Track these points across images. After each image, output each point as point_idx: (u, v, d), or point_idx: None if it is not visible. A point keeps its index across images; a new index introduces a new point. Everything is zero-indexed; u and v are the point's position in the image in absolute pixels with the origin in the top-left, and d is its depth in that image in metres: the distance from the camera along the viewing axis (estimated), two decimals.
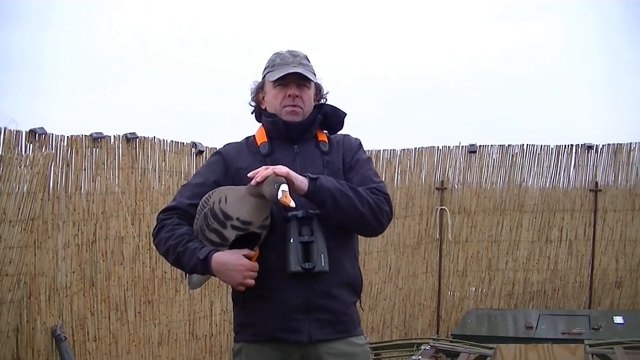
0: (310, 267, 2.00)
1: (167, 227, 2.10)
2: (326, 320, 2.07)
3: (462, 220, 6.90)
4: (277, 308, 2.05)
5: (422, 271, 6.89)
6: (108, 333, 4.51)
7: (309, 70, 2.20)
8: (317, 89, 2.26)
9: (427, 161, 6.86)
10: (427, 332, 6.84)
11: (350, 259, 2.17)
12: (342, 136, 2.28)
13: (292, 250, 2.01)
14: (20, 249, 3.72)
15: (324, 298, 2.06)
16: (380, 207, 2.11)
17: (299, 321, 2.05)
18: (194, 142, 5.24)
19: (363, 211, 2.07)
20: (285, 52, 2.22)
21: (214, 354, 5.37)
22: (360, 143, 2.29)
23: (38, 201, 3.81)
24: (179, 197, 2.18)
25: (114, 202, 4.54)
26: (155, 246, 2.16)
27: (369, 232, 2.18)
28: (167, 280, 4.99)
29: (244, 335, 2.14)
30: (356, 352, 2.13)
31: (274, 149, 2.17)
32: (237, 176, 2.13)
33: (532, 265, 6.88)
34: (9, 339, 3.72)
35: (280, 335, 2.06)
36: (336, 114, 2.26)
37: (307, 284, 2.04)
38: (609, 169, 6.75)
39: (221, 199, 2.01)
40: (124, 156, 4.62)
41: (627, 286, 6.69)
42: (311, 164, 2.15)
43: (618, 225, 6.72)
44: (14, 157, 3.67)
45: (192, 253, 2.01)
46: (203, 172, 2.22)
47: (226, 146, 2.26)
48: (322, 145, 2.21)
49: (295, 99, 2.17)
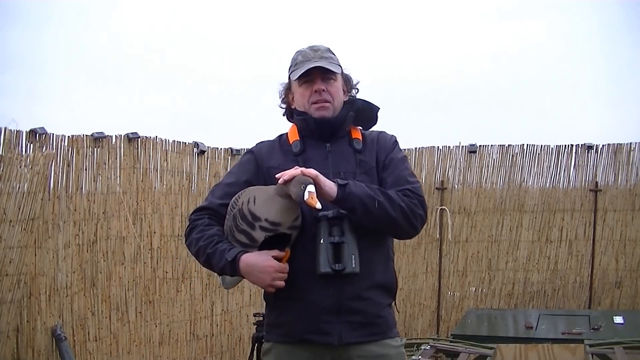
0: (341, 269, 1.95)
1: (198, 228, 2.07)
2: (358, 322, 2.02)
3: (462, 220, 6.90)
4: (307, 310, 2.01)
5: (422, 271, 6.90)
6: (109, 333, 4.51)
7: (333, 62, 2.13)
8: (346, 79, 2.19)
9: (427, 161, 6.86)
10: (427, 332, 6.84)
11: (383, 259, 2.11)
12: (377, 133, 2.22)
13: (322, 251, 1.96)
14: (21, 249, 3.72)
15: (355, 300, 2.01)
16: (413, 211, 2.03)
17: (329, 323, 2.01)
18: (196, 142, 5.23)
19: (395, 216, 2.00)
20: (306, 48, 2.15)
21: (214, 354, 5.37)
22: (396, 140, 2.22)
23: (38, 201, 3.81)
24: (211, 197, 2.14)
25: (115, 202, 4.54)
26: (187, 247, 2.13)
27: (401, 235, 2.12)
28: (168, 280, 4.99)
29: (274, 335, 2.11)
30: (390, 354, 2.07)
31: (306, 148, 2.12)
32: (269, 175, 2.08)
33: (532, 265, 6.88)
34: (9, 339, 3.72)
35: (309, 337, 2.02)
36: (370, 108, 2.21)
37: (338, 286, 1.99)
38: (609, 169, 6.75)
39: (250, 200, 1.97)
40: (126, 156, 4.62)
41: (627, 286, 6.69)
42: (344, 163, 2.10)
43: (618, 225, 6.73)
44: (14, 157, 3.67)
45: (221, 254, 1.98)
46: (235, 172, 2.18)
47: (259, 144, 2.21)
48: (356, 144, 2.14)
49: (322, 93, 2.10)
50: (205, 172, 5.30)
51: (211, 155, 5.34)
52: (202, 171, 5.27)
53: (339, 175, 2.06)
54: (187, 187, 5.13)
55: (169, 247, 4.95)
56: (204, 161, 5.29)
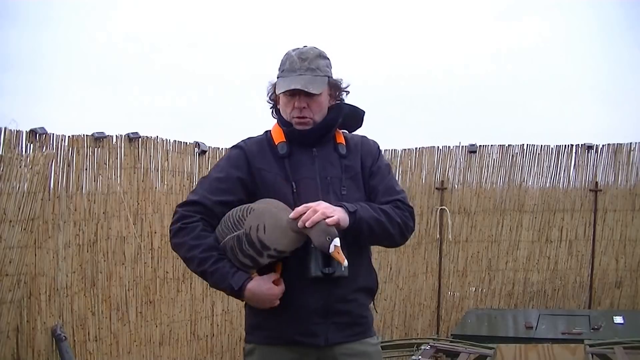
0: (331, 272, 2.00)
1: (193, 233, 2.06)
2: (344, 323, 2.09)
3: (462, 220, 6.91)
4: (297, 313, 2.05)
5: (422, 271, 6.90)
6: (109, 333, 4.51)
7: (318, 74, 2.11)
8: (334, 85, 2.18)
9: (428, 161, 6.86)
10: (427, 332, 6.84)
11: (366, 262, 2.18)
12: (360, 138, 2.25)
13: (313, 255, 2.00)
14: (20, 249, 3.73)
15: (342, 302, 2.07)
16: (407, 225, 2.14)
17: (318, 325, 2.06)
18: (197, 142, 5.23)
19: (393, 233, 2.10)
20: (295, 54, 2.13)
21: (215, 354, 5.38)
22: (379, 147, 2.26)
23: (38, 201, 3.82)
24: (201, 191, 2.12)
25: (116, 202, 4.54)
26: (175, 245, 2.13)
27: (390, 246, 2.23)
28: (168, 281, 4.99)
29: (258, 337, 2.13)
30: (370, 351, 2.15)
31: (293, 151, 2.13)
32: (259, 175, 2.10)
33: (532, 265, 6.88)
34: (9, 339, 3.72)
35: (298, 338, 2.06)
36: (355, 112, 2.23)
37: (326, 289, 2.04)
38: (609, 169, 6.75)
39: (259, 227, 1.97)
40: (127, 156, 4.62)
41: (627, 286, 6.70)
42: (330, 168, 2.12)
43: (618, 225, 6.73)
44: (14, 157, 3.67)
45: (224, 277, 1.99)
46: (224, 166, 2.15)
47: (247, 141, 2.19)
48: (341, 149, 2.17)
49: (302, 110, 2.11)
50: (206, 172, 5.29)
51: (212, 155, 5.34)
52: (203, 171, 5.25)
53: (326, 180, 2.09)
54: (188, 187, 5.12)
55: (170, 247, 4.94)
56: (205, 161, 5.29)
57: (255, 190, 2.10)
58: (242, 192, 2.10)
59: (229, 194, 2.09)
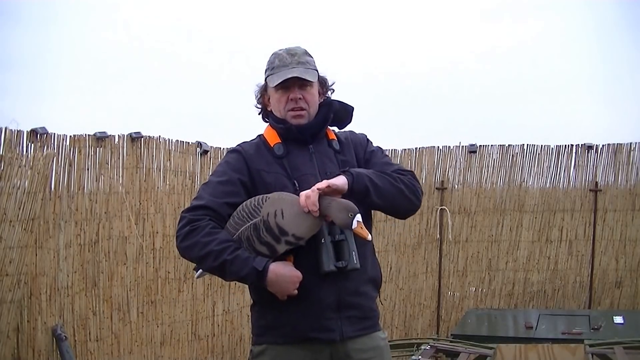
0: (344, 266, 2.02)
1: (204, 230, 2.02)
2: (355, 317, 2.10)
3: (462, 220, 6.91)
4: (311, 308, 2.04)
5: (422, 271, 6.91)
6: (110, 333, 4.51)
7: (309, 67, 2.16)
8: (322, 82, 2.23)
9: (428, 161, 6.87)
10: (427, 332, 6.85)
11: (371, 254, 2.21)
12: (349, 132, 2.30)
13: (325, 250, 2.01)
14: (21, 249, 3.73)
15: (353, 295, 2.09)
16: (413, 185, 2.16)
17: (331, 320, 2.06)
18: (199, 142, 5.23)
19: (401, 187, 2.11)
20: (283, 51, 2.18)
21: (215, 354, 5.38)
22: (367, 136, 2.31)
23: (38, 201, 3.82)
24: (206, 195, 2.10)
25: (118, 201, 4.55)
26: (185, 248, 2.06)
27: (409, 207, 2.20)
28: (170, 281, 4.99)
29: (271, 337, 2.11)
30: (380, 345, 2.18)
31: (289, 150, 2.15)
32: (259, 176, 2.11)
33: (532, 265, 6.89)
34: (9, 339, 3.72)
35: (313, 335, 2.06)
36: (345, 108, 2.26)
37: (339, 283, 2.05)
38: (609, 169, 6.76)
39: (277, 213, 1.96)
40: (129, 156, 4.62)
41: (627, 286, 6.70)
42: (327, 163, 2.15)
43: (618, 225, 6.74)
44: (15, 156, 3.68)
45: (245, 262, 1.96)
46: (225, 170, 2.14)
47: (243, 144, 2.21)
48: (335, 144, 2.21)
49: (298, 101, 2.14)
50: (208, 172, 5.29)
51: (214, 155, 5.34)
52: (205, 171, 5.26)
53: (326, 175, 2.11)
54: (190, 187, 5.13)
55: (172, 247, 4.95)
56: (207, 161, 5.30)
57: (255, 192, 2.10)
58: (244, 194, 2.11)
59: (233, 196, 2.09)
